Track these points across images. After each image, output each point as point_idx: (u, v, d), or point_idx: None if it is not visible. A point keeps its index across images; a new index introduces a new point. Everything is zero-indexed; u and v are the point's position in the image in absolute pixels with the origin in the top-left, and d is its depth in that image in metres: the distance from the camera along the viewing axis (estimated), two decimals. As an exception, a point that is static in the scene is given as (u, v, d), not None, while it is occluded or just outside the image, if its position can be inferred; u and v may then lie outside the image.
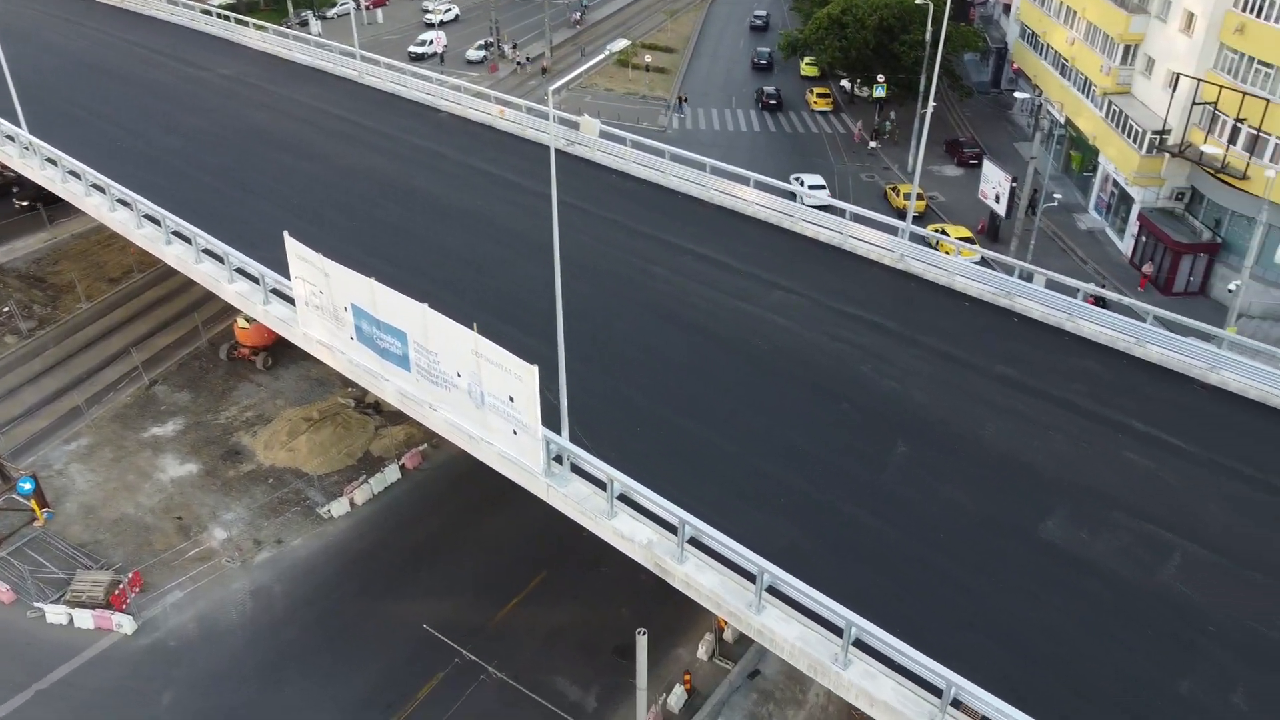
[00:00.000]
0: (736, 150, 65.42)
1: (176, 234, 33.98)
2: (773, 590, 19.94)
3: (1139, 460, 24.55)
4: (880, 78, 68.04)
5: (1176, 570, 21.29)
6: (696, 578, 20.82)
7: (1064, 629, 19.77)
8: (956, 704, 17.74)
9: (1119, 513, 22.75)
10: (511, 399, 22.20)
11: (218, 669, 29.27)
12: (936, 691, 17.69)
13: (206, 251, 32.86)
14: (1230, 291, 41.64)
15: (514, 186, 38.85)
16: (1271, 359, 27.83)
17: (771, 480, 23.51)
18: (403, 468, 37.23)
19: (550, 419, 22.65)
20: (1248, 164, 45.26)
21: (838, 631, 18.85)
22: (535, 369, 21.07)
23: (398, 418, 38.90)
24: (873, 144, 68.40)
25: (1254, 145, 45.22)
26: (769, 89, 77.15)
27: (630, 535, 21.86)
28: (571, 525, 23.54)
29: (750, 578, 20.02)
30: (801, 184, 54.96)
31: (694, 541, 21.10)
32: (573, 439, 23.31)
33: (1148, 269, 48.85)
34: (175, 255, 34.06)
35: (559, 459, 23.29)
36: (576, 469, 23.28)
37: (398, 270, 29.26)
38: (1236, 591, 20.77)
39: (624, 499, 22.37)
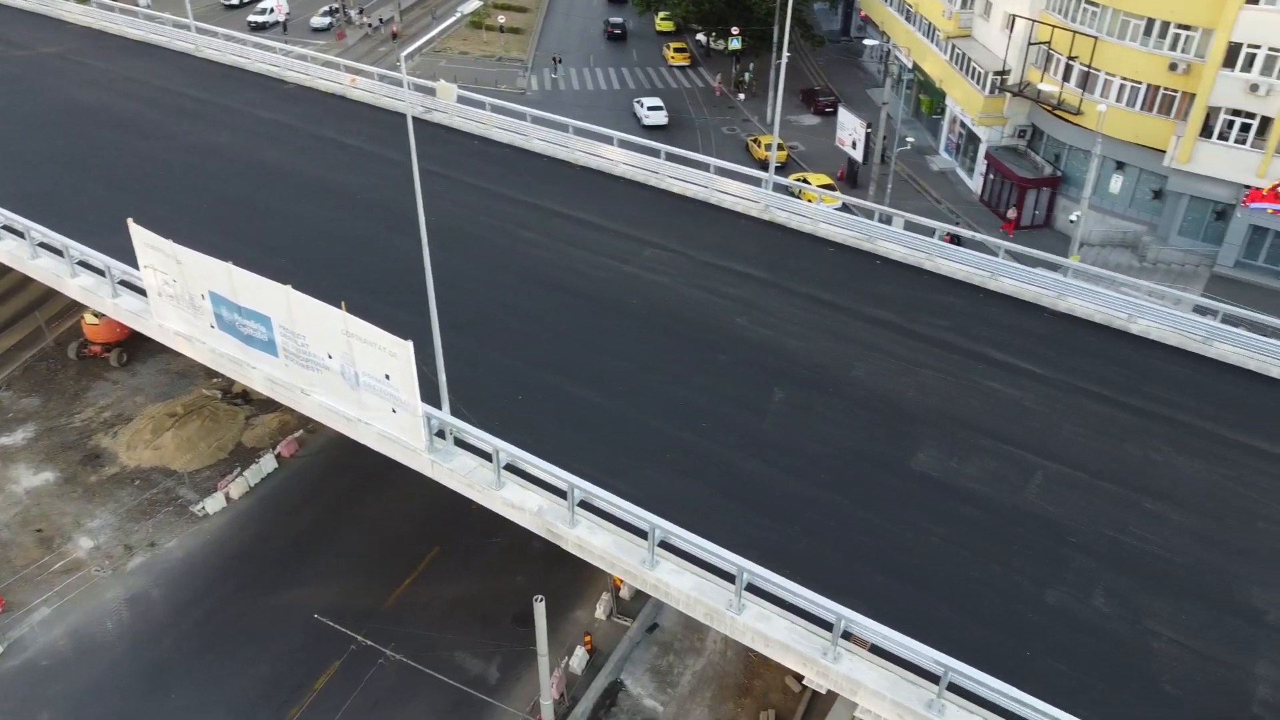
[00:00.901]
0: (598, 110, 65.04)
1: (7, 228, 31.65)
2: (665, 545, 20.25)
3: (1000, 388, 25.87)
4: (734, 30, 68.61)
5: (1039, 488, 22.62)
6: (589, 540, 20.94)
7: (942, 553, 20.78)
8: (847, 635, 18.48)
9: (985, 439, 23.97)
10: (388, 377, 21.68)
11: (97, 683, 27.90)
12: (828, 626, 18.36)
13: (43, 245, 30.74)
14: (1072, 222, 44.03)
15: (373, 157, 37.66)
16: (1112, 283, 29.64)
17: (658, 436, 23.77)
18: (279, 457, 36.01)
19: (429, 394, 22.25)
20: (1081, 100, 47.73)
21: (731, 578, 19.30)
22: (410, 344, 20.61)
23: (269, 405, 37.53)
24: (740, 95, 69.05)
25: (1086, 81, 47.68)
26: (614, 20, 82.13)
27: (520, 504, 21.78)
28: (460, 499, 23.29)
29: (642, 534, 20.26)
30: (641, 105, 63.86)
31: (585, 504, 21.19)
32: (454, 412, 22.98)
33: (1012, 214, 51.03)
34: (7, 251, 31.75)
35: (441, 434, 22.94)
36: (460, 442, 22.99)
37: (257, 251, 28.05)
38: (1094, 503, 22.23)
39: (511, 469, 22.25)
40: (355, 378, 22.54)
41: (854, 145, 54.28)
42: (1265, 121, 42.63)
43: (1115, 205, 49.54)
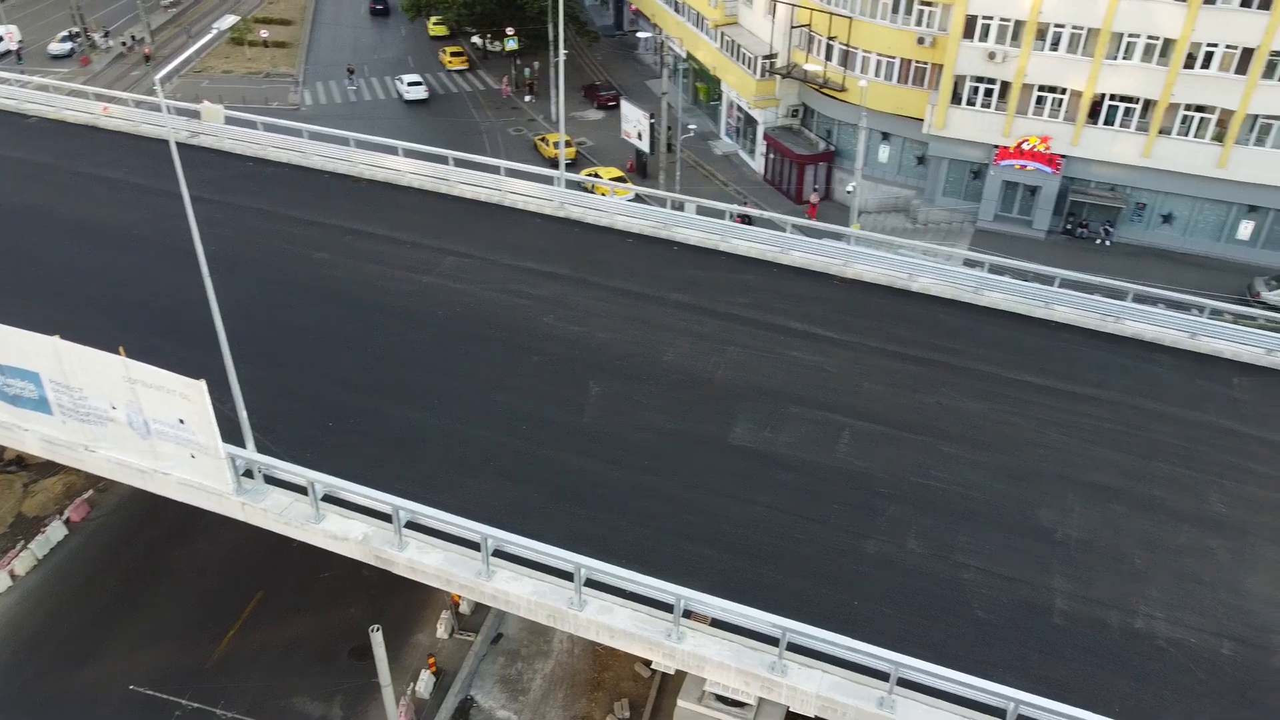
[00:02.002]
0: (378, 120, 63.30)
1: None
2: (500, 553, 20.05)
3: (803, 356, 27.12)
4: (510, 31, 68.39)
5: (848, 446, 23.90)
6: (421, 560, 20.46)
7: (767, 520, 21.61)
8: (688, 614, 18.92)
9: (795, 406, 25.08)
10: (182, 421, 20.34)
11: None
12: (669, 608, 18.73)
13: None
14: (849, 192, 46.64)
15: (140, 189, 35.11)
16: (891, 247, 31.62)
17: (479, 445, 23.47)
18: (68, 522, 33.06)
19: (231, 433, 21.06)
20: (844, 77, 50.61)
21: (569, 577, 19.35)
22: (203, 384, 19.41)
23: (50, 468, 34.38)
24: (528, 97, 68.81)
25: (847, 59, 50.59)
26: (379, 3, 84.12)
27: (344, 535, 20.99)
28: (279, 538, 22.19)
29: (475, 547, 19.99)
30: (402, 82, 68.15)
31: (412, 525, 20.67)
32: (260, 449, 21.85)
33: (814, 198, 53.20)
34: None
35: (249, 473, 21.77)
36: (271, 479, 21.88)
37: (20, 303, 25.68)
38: (898, 452, 23.72)
39: (330, 499, 21.39)
40: (145, 426, 21.02)
41: (640, 137, 55.32)
42: (1005, 86, 46.59)
43: (885, 173, 52.87)
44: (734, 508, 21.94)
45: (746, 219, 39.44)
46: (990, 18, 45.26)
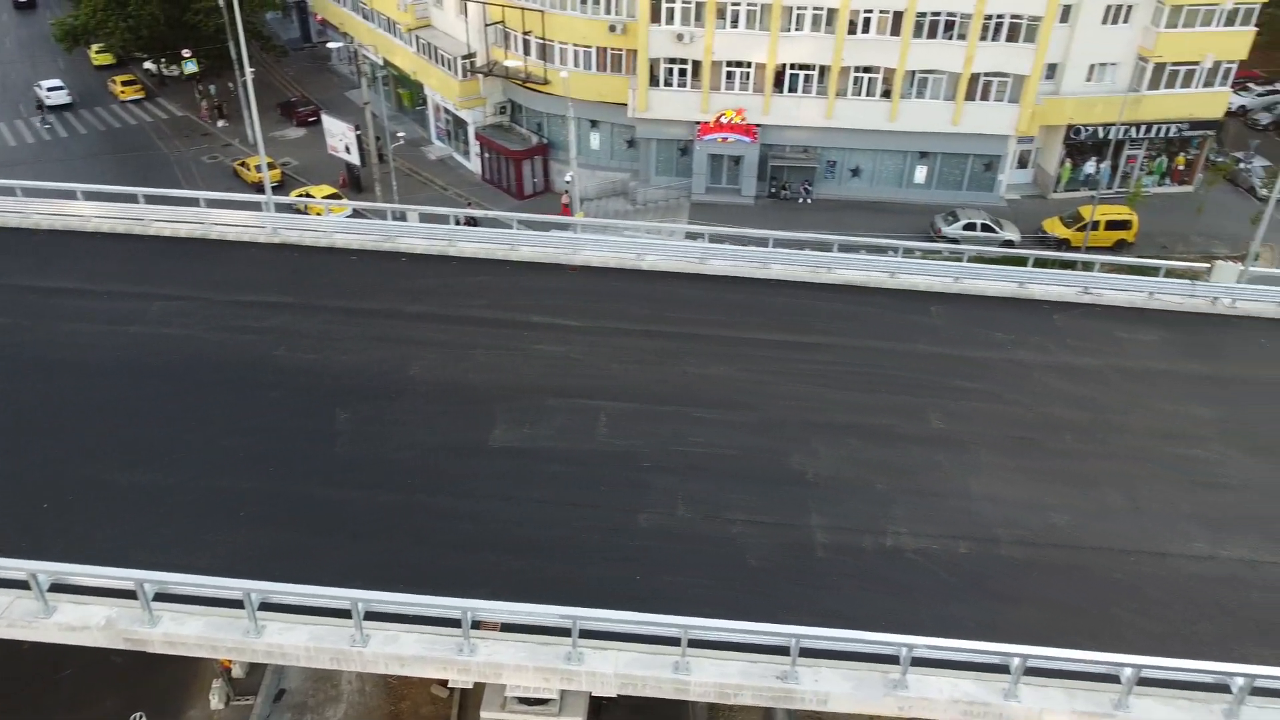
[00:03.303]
0: (47, 165, 57.06)
1: None
2: (267, 605, 18.82)
3: (550, 348, 27.33)
4: (186, 52, 63.65)
5: (607, 428, 24.41)
6: (179, 632, 18.80)
7: (542, 514, 21.67)
8: (477, 624, 18.66)
9: (549, 398, 25.26)
10: None
11: None
12: (457, 623, 18.37)
13: None
14: (568, 183, 47.47)
15: None
16: (616, 230, 32.48)
17: (227, 494, 21.85)
18: None
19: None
20: (545, 70, 51.27)
21: (347, 614, 18.50)
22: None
23: None
24: (220, 121, 64.23)
25: (545, 52, 51.26)
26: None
27: (83, 623, 18.89)
28: (5, 642, 19.65)
29: (238, 605, 18.63)
30: (41, 88, 66.17)
31: (162, 595, 18.93)
32: (-37, 548, 19.21)
33: (565, 199, 53.05)
34: None
35: (-46, 577, 19.09)
36: (-17, 579, 19.30)
37: None
38: (654, 426, 24.50)
39: (59, 588, 19.16)
40: None
41: (348, 150, 53.40)
42: (697, 65, 49.03)
43: (600, 160, 54.22)
44: (507, 509, 21.82)
45: (472, 221, 39.19)
46: (674, 1, 47.39)
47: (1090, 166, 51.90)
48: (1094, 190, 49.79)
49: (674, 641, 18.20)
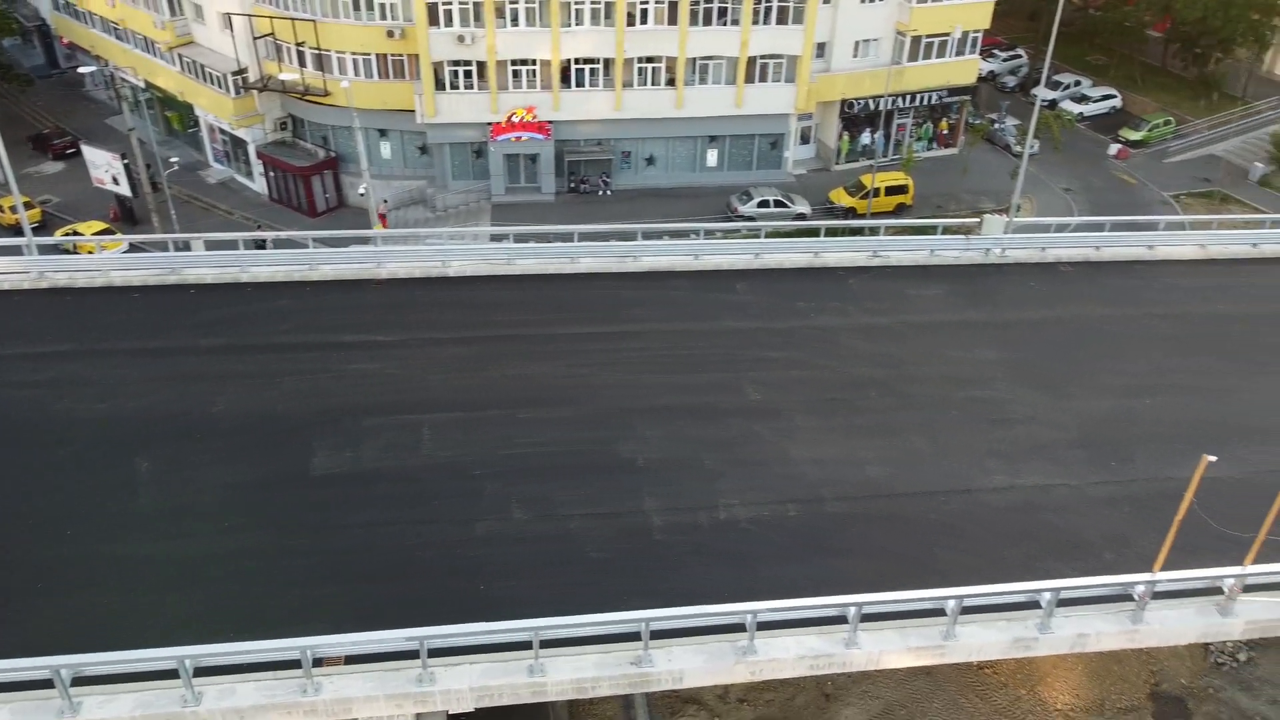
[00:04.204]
0: None
1: None
2: (82, 679, 17.35)
3: (364, 366, 26.48)
4: (-90, 88, 57.44)
5: (432, 441, 23.93)
6: (-19, 723, 17.08)
7: (376, 538, 21.02)
8: (320, 662, 17.91)
9: (369, 418, 24.48)
10: None
11: None
12: (298, 663, 17.56)
13: None
14: (361, 195, 45.96)
15: None
16: (418, 239, 31.78)
17: (22, 566, 20.18)
18: None
19: None
20: (325, 81, 49.41)
21: (175, 674, 17.32)
22: None
23: None
24: None
25: (322, 63, 49.37)
26: None
27: None
28: None
29: (48, 684, 17.07)
30: None
31: (-45, 688, 17.13)
32: None
33: (382, 208, 50.67)
34: None
35: None
36: None
37: None
38: (480, 432, 24.22)
39: None
40: None
41: (115, 181, 49.65)
42: (482, 65, 48.53)
43: (394, 169, 52.79)
44: (339, 538, 21.02)
45: (262, 244, 37.39)
46: (450, 3, 46.69)
47: (866, 137, 54.99)
48: (872, 159, 52.82)
49: (526, 645, 18.09)
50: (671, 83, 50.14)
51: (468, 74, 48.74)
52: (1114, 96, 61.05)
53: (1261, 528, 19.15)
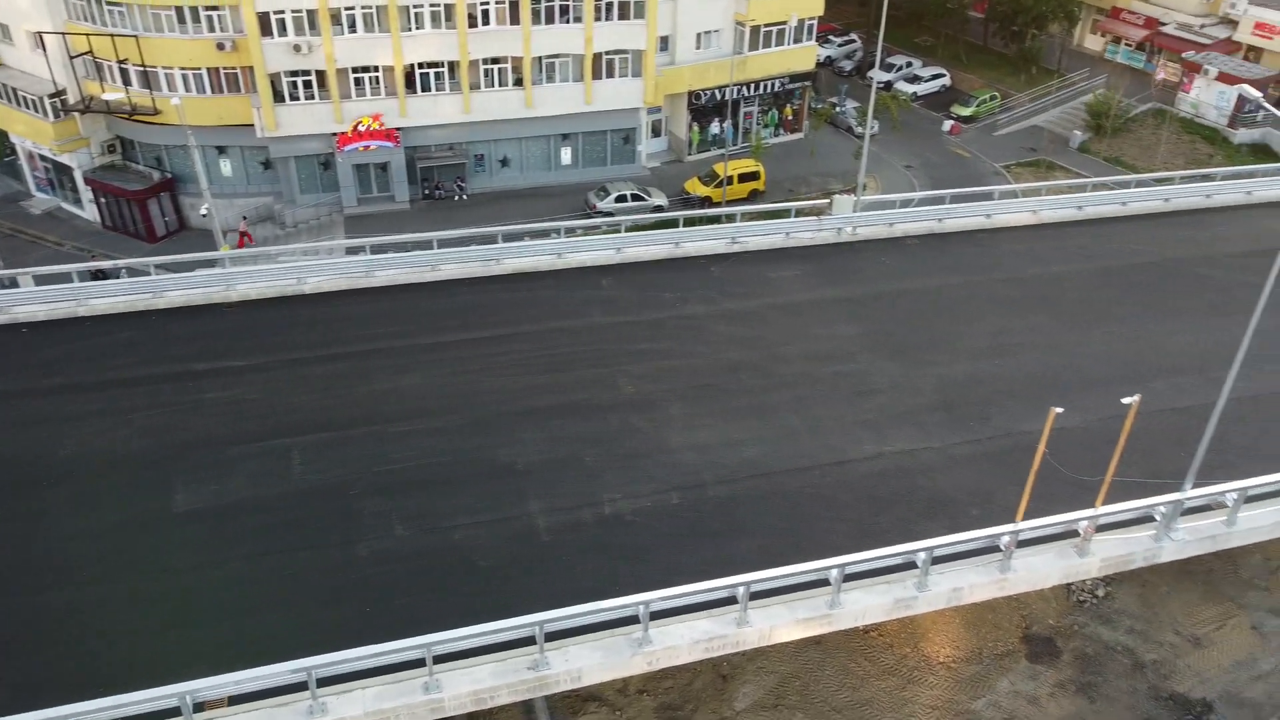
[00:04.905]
0: None
1: None
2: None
3: (218, 394, 25.38)
4: None
5: (302, 465, 23.14)
6: None
7: (252, 571, 20.24)
8: (201, 706, 17.11)
9: (232, 447, 23.50)
10: None
11: None
12: (177, 710, 16.72)
13: None
14: (204, 216, 43.84)
15: None
16: (269, 258, 30.56)
17: None
18: None
19: None
20: (153, 99, 46.91)
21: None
22: None
23: None
24: None
25: (148, 80, 46.86)
26: None
27: None
28: None
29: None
30: None
31: None
32: None
33: (242, 225, 47.93)
34: None
35: None
36: None
37: None
38: (354, 451, 23.56)
39: None
40: None
41: (-75, 218, 45.94)
42: (322, 74, 47.03)
43: (236, 186, 50.56)
44: (209, 575, 20.10)
45: (100, 274, 35.29)
46: (282, 11, 45.00)
47: (715, 127, 55.95)
48: (722, 148, 53.81)
49: (419, 663, 17.73)
50: (519, 83, 49.81)
51: (307, 84, 47.12)
52: (943, 75, 63.99)
53: (1107, 470, 20.55)
